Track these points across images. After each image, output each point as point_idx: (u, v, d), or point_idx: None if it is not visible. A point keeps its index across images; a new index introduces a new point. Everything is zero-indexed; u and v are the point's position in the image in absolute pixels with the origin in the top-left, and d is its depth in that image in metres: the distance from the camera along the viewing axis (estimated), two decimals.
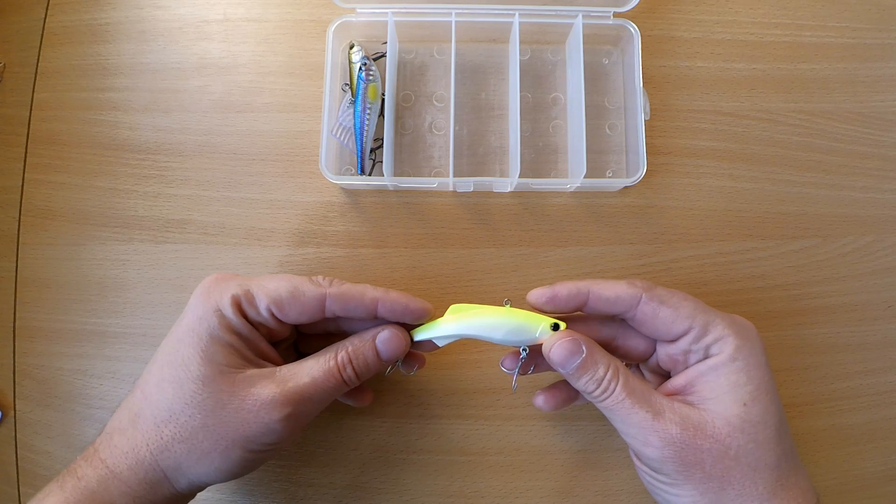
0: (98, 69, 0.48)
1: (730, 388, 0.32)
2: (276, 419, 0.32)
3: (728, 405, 0.31)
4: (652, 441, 0.31)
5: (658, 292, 0.34)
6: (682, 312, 0.33)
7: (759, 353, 0.33)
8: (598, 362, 0.33)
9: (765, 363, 0.33)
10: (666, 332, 0.33)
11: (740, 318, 0.34)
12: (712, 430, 0.31)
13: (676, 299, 0.33)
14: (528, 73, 0.47)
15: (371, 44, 0.47)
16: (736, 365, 0.32)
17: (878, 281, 0.45)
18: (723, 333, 0.32)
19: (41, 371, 0.44)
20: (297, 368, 0.33)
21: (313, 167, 0.45)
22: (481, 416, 0.42)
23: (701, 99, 0.47)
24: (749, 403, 0.31)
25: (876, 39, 0.48)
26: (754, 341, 0.33)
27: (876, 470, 0.42)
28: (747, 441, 0.31)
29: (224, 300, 0.33)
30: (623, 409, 0.32)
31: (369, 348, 0.34)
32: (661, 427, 0.31)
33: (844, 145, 0.47)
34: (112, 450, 0.32)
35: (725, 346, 0.32)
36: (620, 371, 0.33)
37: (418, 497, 0.42)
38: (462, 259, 0.45)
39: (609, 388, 0.32)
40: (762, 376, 0.32)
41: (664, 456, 0.31)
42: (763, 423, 0.31)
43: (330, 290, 0.34)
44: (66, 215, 0.46)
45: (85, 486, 0.31)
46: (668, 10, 0.48)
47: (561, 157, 0.46)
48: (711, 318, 0.33)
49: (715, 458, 0.30)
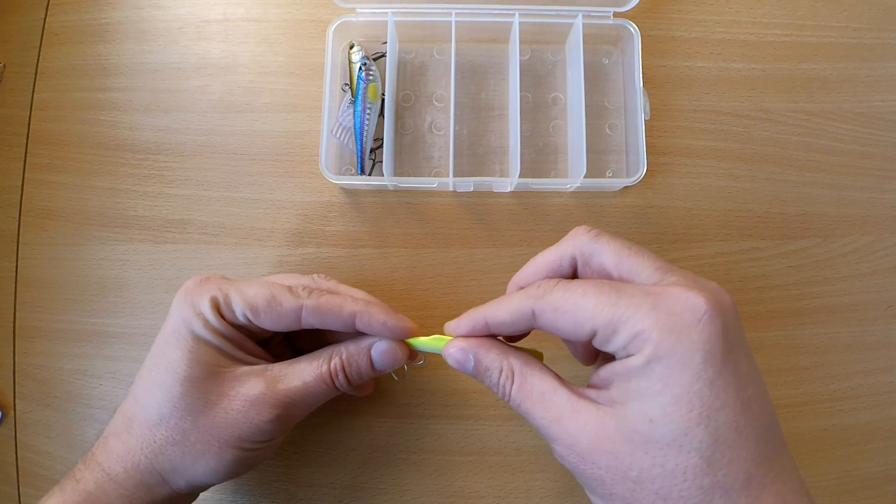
0: (98, 69, 0.48)
1: (638, 397, 0.25)
2: (265, 419, 0.31)
3: (632, 418, 0.25)
4: (554, 447, 0.28)
5: (552, 298, 0.28)
6: (580, 316, 0.27)
7: (693, 349, 0.24)
8: (490, 367, 0.30)
9: (703, 362, 0.24)
10: (575, 337, 0.28)
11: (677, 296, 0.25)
12: (611, 446, 0.25)
13: (573, 300, 0.27)
14: (528, 73, 0.47)
15: (371, 44, 0.47)
16: (650, 369, 0.25)
17: (878, 281, 0.45)
18: (634, 330, 0.25)
19: (41, 371, 0.44)
20: (289, 370, 0.33)
21: (313, 167, 0.45)
22: (481, 416, 0.42)
23: (701, 99, 0.47)
24: (658, 420, 0.24)
25: (876, 39, 0.48)
26: (688, 332, 0.24)
27: (876, 470, 0.42)
28: (651, 465, 0.24)
29: (203, 302, 0.32)
30: (523, 413, 0.29)
31: (364, 357, 0.34)
32: (557, 433, 0.27)
33: (844, 145, 0.47)
34: (108, 454, 0.32)
35: (641, 346, 0.25)
36: (516, 374, 0.29)
37: (418, 497, 0.42)
38: (462, 259, 0.45)
39: (505, 392, 0.30)
40: (690, 383, 0.24)
41: (566, 464, 0.28)
42: (677, 447, 0.24)
43: (307, 303, 0.33)
44: (66, 215, 0.46)
45: (83, 489, 0.31)
46: (668, 10, 0.48)
47: (561, 157, 0.46)
48: (619, 312, 0.25)
49: (615, 477, 0.25)
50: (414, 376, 0.43)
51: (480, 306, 0.31)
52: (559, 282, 0.29)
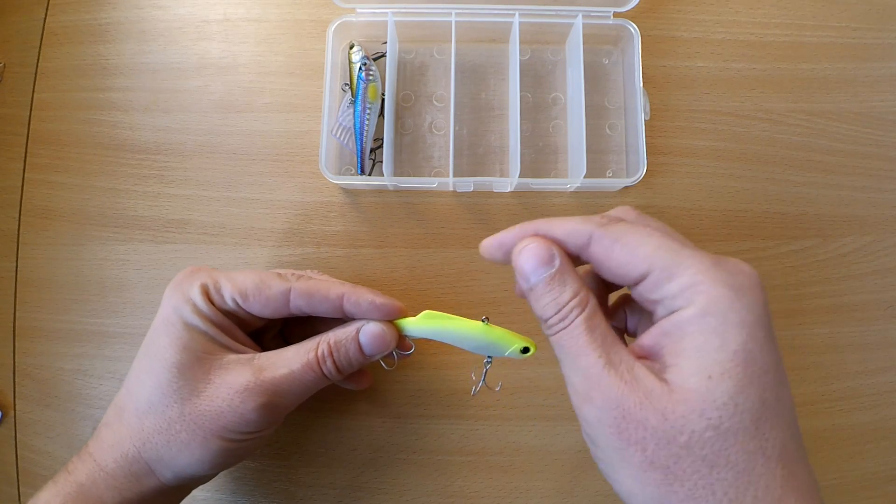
0: (98, 69, 0.48)
1: (694, 354, 0.24)
2: (250, 408, 0.31)
3: (688, 376, 0.24)
4: (594, 396, 0.25)
5: (615, 228, 0.27)
6: (640, 251, 0.26)
7: (747, 309, 0.24)
8: (568, 283, 0.27)
9: (754, 324, 0.24)
10: (623, 276, 0.27)
11: (733, 262, 0.26)
12: (663, 405, 0.24)
13: (637, 236, 0.26)
14: (528, 73, 0.47)
15: (371, 44, 0.47)
16: (706, 323, 0.24)
17: (878, 281, 0.45)
18: (693, 280, 0.24)
19: (41, 371, 0.44)
20: (276, 358, 0.33)
21: (313, 167, 0.45)
22: (481, 416, 0.42)
23: (701, 99, 0.47)
24: (716, 377, 0.23)
25: (876, 39, 0.48)
26: (744, 292, 0.24)
27: (876, 470, 0.42)
28: (705, 427, 0.23)
29: (194, 289, 0.33)
30: (575, 347, 0.26)
31: (352, 341, 0.33)
32: (608, 381, 0.25)
33: (844, 145, 0.47)
34: (99, 444, 0.32)
35: (696, 297, 0.24)
36: (591, 304, 0.27)
37: (418, 497, 0.42)
38: (462, 259, 0.45)
39: (569, 317, 0.26)
40: (745, 341, 0.24)
41: (601, 419, 0.25)
42: (733, 405, 0.23)
43: (295, 285, 0.33)
44: (66, 215, 0.46)
45: (75, 480, 0.31)
46: (668, 10, 0.48)
47: (561, 157, 0.46)
48: (680, 260, 0.25)
49: (660, 442, 0.24)
50: (414, 376, 0.43)
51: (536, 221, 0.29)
52: (620, 218, 0.28)
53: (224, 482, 0.42)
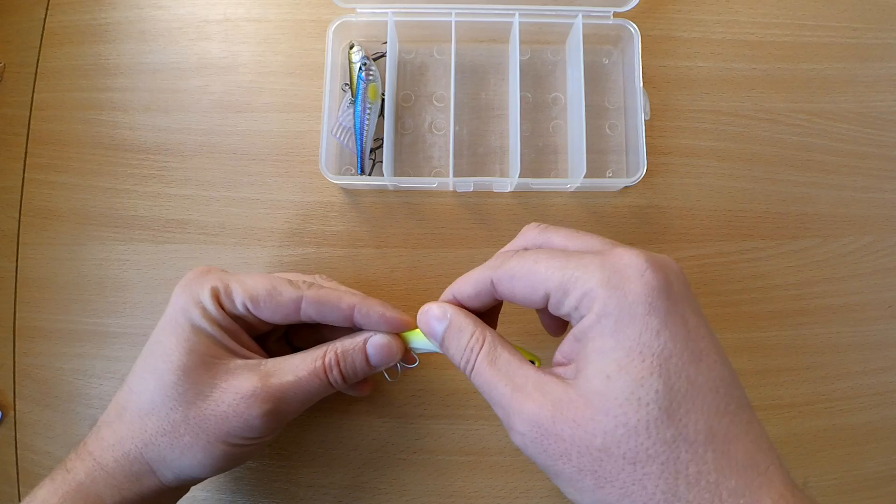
0: (98, 69, 0.48)
1: (594, 357, 0.25)
2: (255, 415, 0.31)
3: (591, 379, 0.25)
4: (513, 423, 0.26)
5: (508, 266, 0.29)
6: (534, 280, 0.27)
7: (637, 302, 0.25)
8: (463, 329, 0.29)
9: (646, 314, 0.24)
10: (533, 304, 0.28)
11: (618, 256, 0.26)
12: (573, 413, 0.24)
13: (528, 266, 0.28)
14: (528, 73, 0.47)
15: (371, 44, 0.47)
16: (602, 326, 0.25)
17: (878, 281, 0.45)
18: (584, 289, 0.25)
19: (41, 371, 0.44)
20: (283, 364, 0.33)
21: (313, 167, 0.45)
22: (481, 416, 0.42)
23: (701, 99, 0.47)
24: (613, 375, 0.24)
25: (876, 39, 0.48)
26: (630, 286, 0.25)
27: (876, 470, 0.42)
28: (615, 426, 0.24)
29: (204, 292, 0.33)
30: (485, 383, 0.28)
31: (359, 352, 0.33)
32: (518, 405, 0.26)
33: (844, 145, 0.47)
34: (99, 442, 0.32)
35: (592, 304, 0.25)
36: (487, 340, 0.28)
37: (418, 497, 0.42)
38: (462, 259, 0.45)
39: (472, 358, 0.28)
40: (639, 334, 0.24)
41: (526, 443, 0.26)
42: (636, 399, 0.24)
43: (307, 294, 0.33)
44: (66, 215, 0.46)
45: (73, 479, 0.31)
46: (668, 10, 0.48)
47: (561, 157, 0.46)
48: (569, 274, 0.26)
49: (580, 449, 0.24)
50: (413, 376, 0.43)
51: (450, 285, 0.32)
52: (515, 252, 0.30)
53: (224, 482, 0.42)
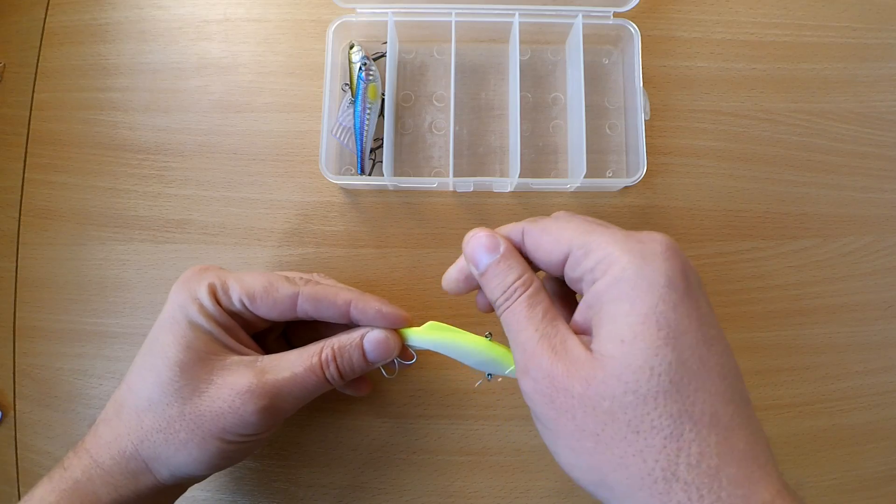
0: (98, 69, 0.48)
1: (608, 320, 0.25)
2: (251, 411, 0.31)
3: (604, 342, 0.25)
4: (529, 368, 0.26)
5: (542, 221, 0.30)
6: (561, 236, 0.28)
7: (657, 272, 0.25)
8: (512, 267, 0.29)
9: (666, 286, 0.25)
10: (551, 262, 0.29)
11: (646, 233, 0.27)
12: (585, 373, 0.25)
13: (559, 224, 0.29)
14: (528, 73, 0.47)
15: (371, 44, 0.47)
16: (617, 289, 0.25)
17: (878, 281, 0.45)
18: (605, 252, 0.26)
19: (41, 371, 0.44)
20: (279, 360, 0.33)
21: (313, 167, 0.45)
22: (481, 416, 0.42)
23: (701, 99, 0.47)
24: (628, 341, 0.24)
25: (876, 39, 0.48)
26: (653, 258, 0.25)
27: (876, 470, 0.42)
28: (624, 391, 0.24)
29: (201, 289, 0.33)
30: (516, 323, 0.28)
31: (356, 347, 0.33)
32: (540, 352, 0.26)
33: (844, 145, 0.47)
34: (97, 440, 0.32)
35: (608, 268, 0.26)
36: (535, 285, 0.28)
37: (418, 497, 0.42)
38: None
39: (512, 297, 0.28)
40: (655, 304, 0.24)
41: (535, 390, 0.26)
42: (648, 368, 0.24)
43: (303, 290, 0.33)
44: (66, 215, 0.46)
45: (70, 476, 0.31)
46: (668, 10, 0.48)
47: (561, 157, 0.46)
48: (594, 237, 0.27)
49: (586, 409, 0.24)
50: (413, 376, 0.43)
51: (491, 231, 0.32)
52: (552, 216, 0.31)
53: (224, 482, 0.42)
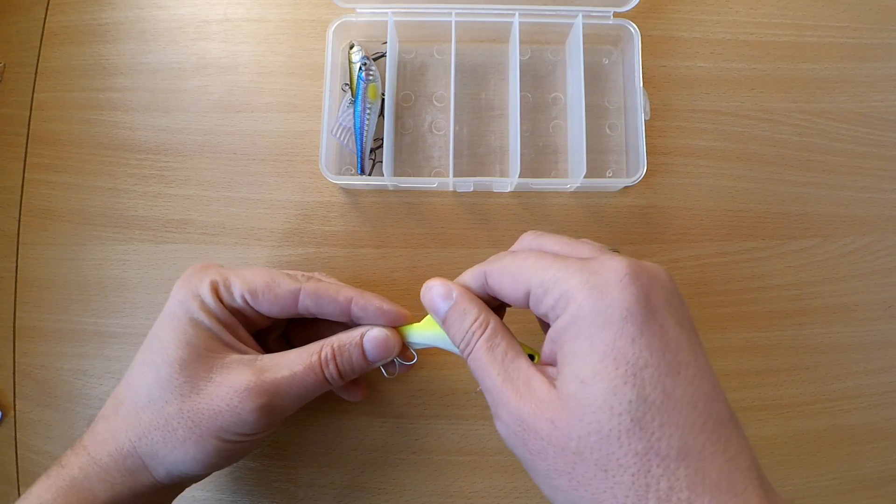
0: (98, 69, 0.48)
1: (570, 360, 0.25)
2: (248, 409, 0.31)
3: (567, 382, 0.25)
4: (500, 413, 0.27)
5: (501, 261, 0.30)
6: (520, 275, 0.28)
7: (613, 307, 0.24)
8: (467, 311, 0.29)
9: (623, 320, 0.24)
10: (515, 300, 0.29)
11: (601, 261, 0.26)
12: (551, 414, 0.25)
13: (517, 262, 0.29)
14: (528, 73, 0.47)
15: (371, 44, 0.47)
16: (577, 328, 0.25)
17: (878, 281, 0.45)
18: (562, 290, 0.26)
19: (41, 371, 0.44)
20: (279, 359, 0.33)
21: (313, 167, 0.45)
22: (481, 416, 0.42)
23: (701, 99, 0.47)
24: (588, 381, 0.24)
25: (876, 39, 0.48)
26: (608, 290, 0.25)
27: (876, 470, 0.42)
28: (588, 432, 0.24)
29: (203, 285, 0.33)
30: (480, 367, 0.28)
31: (355, 346, 0.33)
32: (506, 396, 0.26)
33: (844, 145, 0.47)
34: (94, 437, 0.32)
35: (567, 305, 0.25)
36: (490, 326, 0.29)
37: (418, 497, 0.42)
38: (462, 259, 0.45)
39: (471, 342, 0.28)
40: (613, 340, 0.24)
41: (509, 434, 0.26)
42: (608, 408, 0.23)
43: (305, 286, 0.34)
44: (66, 215, 0.46)
45: (67, 474, 0.31)
46: (668, 10, 0.48)
47: (561, 157, 0.46)
48: (550, 274, 0.27)
49: (556, 450, 0.24)
50: (413, 376, 0.43)
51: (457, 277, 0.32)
52: (510, 252, 0.31)
53: (224, 482, 0.42)
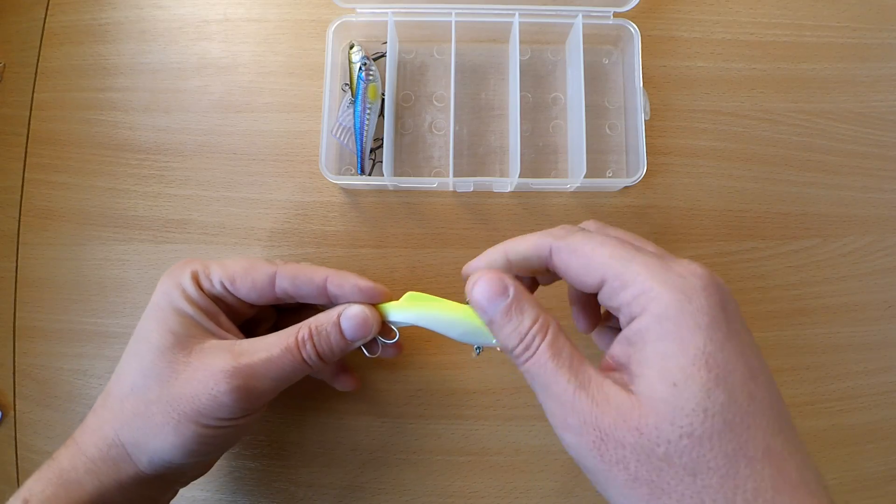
0: (98, 69, 0.48)
1: (656, 362, 0.24)
2: (223, 391, 0.31)
3: (654, 385, 0.24)
4: (570, 422, 0.25)
5: (571, 239, 0.28)
6: (594, 261, 0.27)
7: (701, 311, 0.24)
8: (525, 311, 0.27)
9: (710, 326, 0.24)
10: (583, 285, 0.27)
11: (684, 265, 0.26)
12: (637, 421, 0.24)
13: (590, 246, 0.27)
14: (528, 73, 0.47)
15: (371, 44, 0.47)
16: (663, 328, 0.24)
17: (878, 281, 0.45)
18: (644, 286, 0.25)
19: (41, 371, 0.44)
20: (257, 343, 0.33)
21: (313, 167, 0.45)
22: (481, 416, 0.42)
23: (701, 99, 0.47)
24: (681, 383, 0.23)
25: (876, 39, 0.48)
26: (695, 295, 0.25)
27: (876, 470, 0.42)
28: (679, 436, 0.23)
29: (184, 275, 0.34)
30: (544, 374, 0.26)
31: (333, 325, 0.33)
32: (581, 404, 0.25)
33: (844, 145, 0.47)
34: (83, 429, 0.33)
35: (649, 304, 0.25)
36: (551, 328, 0.27)
37: (418, 497, 0.42)
38: (462, 259, 0.44)
39: (532, 346, 0.26)
40: (704, 344, 0.24)
41: (581, 444, 0.25)
42: (702, 410, 0.23)
43: (281, 269, 0.34)
44: (66, 215, 0.46)
45: (57, 465, 0.32)
46: (668, 10, 0.48)
47: (561, 157, 0.46)
48: (631, 267, 0.26)
49: (640, 458, 0.24)
50: (413, 376, 0.43)
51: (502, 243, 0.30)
52: (581, 229, 0.29)
53: (224, 482, 0.42)
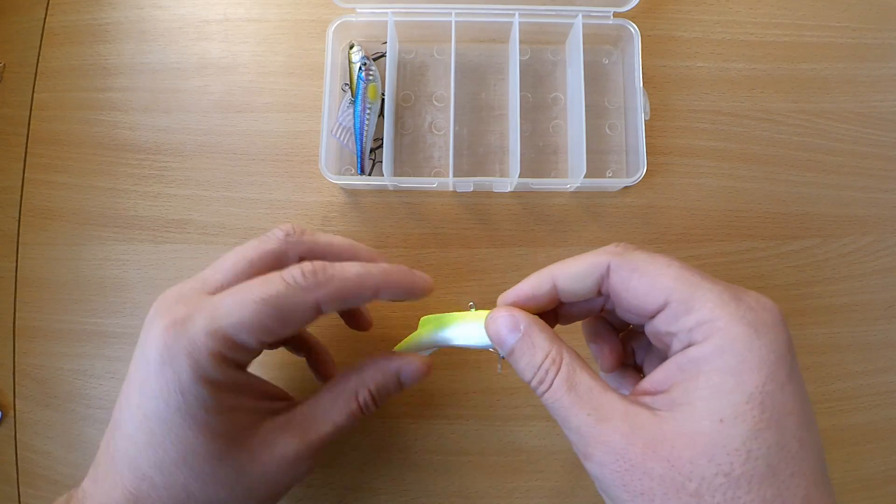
0: (98, 69, 0.48)
1: (707, 394, 0.23)
2: (304, 470, 0.30)
3: (699, 418, 0.23)
4: (591, 453, 0.24)
5: (633, 257, 0.27)
6: (658, 282, 0.25)
7: (768, 348, 0.23)
8: (537, 345, 0.27)
9: (775, 363, 0.23)
10: (640, 308, 0.26)
11: (755, 297, 0.25)
12: (669, 452, 0.23)
13: (656, 266, 0.26)
14: (528, 73, 0.47)
15: (371, 44, 0.47)
16: (723, 361, 0.23)
17: (878, 281, 0.45)
18: (712, 314, 0.24)
19: (41, 371, 0.44)
20: (315, 413, 0.31)
21: (313, 167, 0.45)
22: (481, 416, 0.42)
23: (701, 99, 0.47)
24: (728, 421, 0.22)
25: (876, 39, 0.48)
26: (765, 330, 0.23)
27: (876, 470, 0.42)
28: (715, 473, 0.22)
29: (203, 361, 0.27)
30: (561, 408, 0.25)
31: (392, 382, 0.32)
32: (603, 436, 0.24)
33: (844, 145, 0.47)
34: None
35: (713, 333, 0.23)
36: (565, 360, 0.26)
37: (418, 497, 0.42)
38: (462, 259, 0.45)
39: (546, 380, 0.26)
40: (764, 383, 0.23)
41: (604, 475, 0.24)
42: (745, 451, 0.22)
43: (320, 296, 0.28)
44: (66, 215, 0.46)
45: None
46: (668, 10, 0.48)
47: (561, 157, 0.46)
48: (699, 293, 0.24)
49: (668, 491, 0.22)
50: None
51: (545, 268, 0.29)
52: (637, 247, 0.28)
53: None
